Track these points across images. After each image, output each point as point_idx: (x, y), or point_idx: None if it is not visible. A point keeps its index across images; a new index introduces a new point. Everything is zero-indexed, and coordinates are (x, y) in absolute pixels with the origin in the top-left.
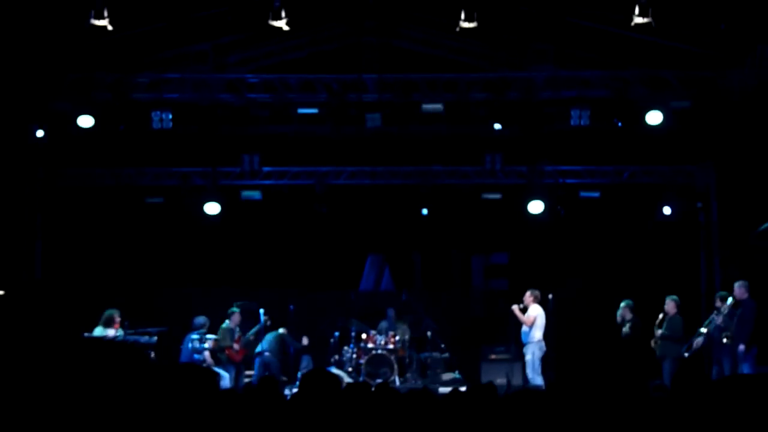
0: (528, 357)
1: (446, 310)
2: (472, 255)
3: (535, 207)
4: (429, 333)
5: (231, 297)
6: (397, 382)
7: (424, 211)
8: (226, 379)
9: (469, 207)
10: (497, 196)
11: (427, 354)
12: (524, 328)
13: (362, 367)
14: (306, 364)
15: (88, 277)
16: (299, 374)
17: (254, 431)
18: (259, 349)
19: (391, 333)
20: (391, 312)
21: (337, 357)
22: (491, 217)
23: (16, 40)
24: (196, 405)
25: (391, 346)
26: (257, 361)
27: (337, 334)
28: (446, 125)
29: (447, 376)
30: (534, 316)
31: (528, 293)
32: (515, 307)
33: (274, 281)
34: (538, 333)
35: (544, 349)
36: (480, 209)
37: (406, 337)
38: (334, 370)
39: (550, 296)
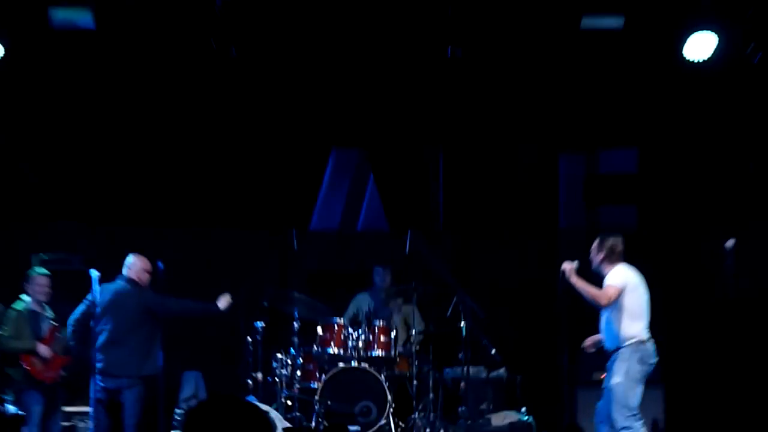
0: (615, 380)
1: (501, 275)
2: (560, 152)
3: (700, 45)
4: (465, 325)
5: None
6: None
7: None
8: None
9: (550, 47)
10: (612, 22)
11: (459, 372)
12: (605, 317)
13: (316, 399)
14: (190, 388)
15: None
16: (178, 411)
17: None
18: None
19: (378, 322)
20: (380, 276)
21: (259, 375)
22: (597, 71)
23: None
24: None
25: (379, 352)
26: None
27: (260, 324)
28: None
29: (504, 419)
30: (617, 286)
31: (598, 242)
32: (568, 267)
33: (129, 210)
34: (633, 326)
35: (651, 359)
36: (574, 53)
37: (414, 332)
38: (256, 404)
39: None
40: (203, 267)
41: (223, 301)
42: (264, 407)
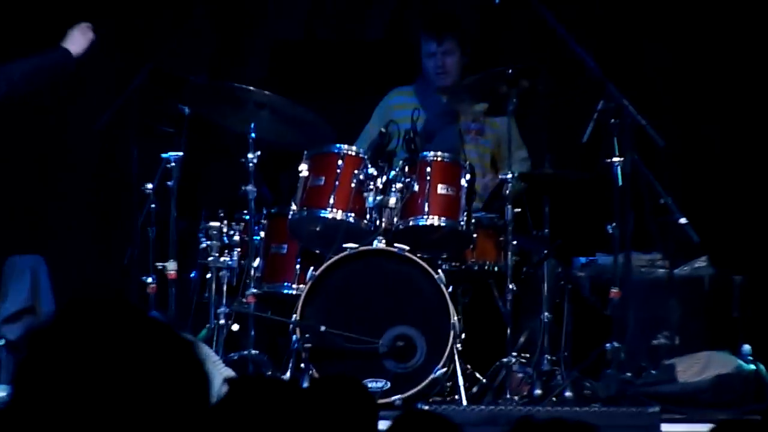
0: None
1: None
2: None
3: None
4: (619, 163)
5: None
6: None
7: None
8: None
9: None
10: None
11: (607, 263)
12: None
13: (294, 319)
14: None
15: None
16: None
17: None
18: None
19: (431, 154)
20: (435, 51)
21: (171, 265)
22: None
23: None
24: None
25: (434, 220)
26: None
27: (173, 156)
28: None
29: (704, 368)
30: None
31: None
32: None
33: None
34: None
35: None
36: None
37: (512, 175)
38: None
39: None
40: None
41: (76, 39)
42: (190, 337)
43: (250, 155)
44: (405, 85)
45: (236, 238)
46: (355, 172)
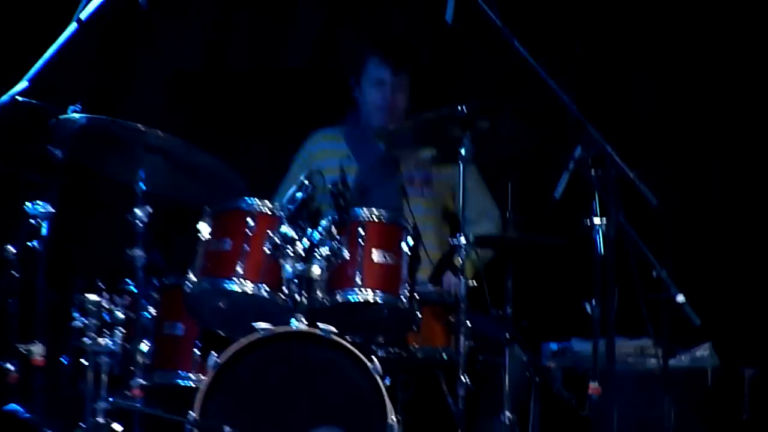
0: None
1: None
2: None
3: None
4: (601, 225)
5: None
6: None
7: None
8: None
9: None
10: None
11: (584, 350)
12: None
13: (191, 418)
14: None
15: None
16: None
17: None
18: None
19: (364, 212)
20: (376, 78)
21: (36, 349)
22: None
23: None
24: None
25: (368, 295)
26: None
27: (40, 210)
28: None
29: None
30: None
31: None
32: None
33: None
34: None
35: None
36: None
37: (463, 239)
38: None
39: None
40: None
41: None
42: None
43: (137, 211)
44: (330, 127)
45: (120, 315)
46: (269, 233)
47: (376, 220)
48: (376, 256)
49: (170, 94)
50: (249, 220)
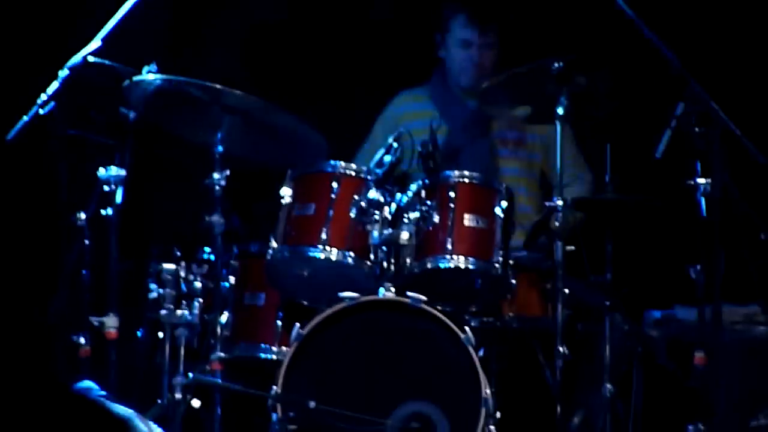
0: None
1: None
2: None
3: None
4: (706, 186)
5: None
6: None
7: None
8: None
9: None
10: None
11: (689, 317)
12: None
13: (274, 392)
14: None
15: None
16: None
17: None
18: None
19: (455, 174)
20: (462, 39)
21: (110, 320)
22: None
23: None
24: None
25: (459, 261)
26: None
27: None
28: None
29: None
30: None
31: None
32: None
33: None
34: None
35: None
36: None
37: (562, 201)
38: (103, 404)
39: None
40: None
41: None
42: (124, 414)
43: (215, 175)
44: (416, 87)
45: (198, 285)
46: (356, 197)
47: (468, 182)
48: (468, 220)
49: (248, 50)
50: (334, 183)
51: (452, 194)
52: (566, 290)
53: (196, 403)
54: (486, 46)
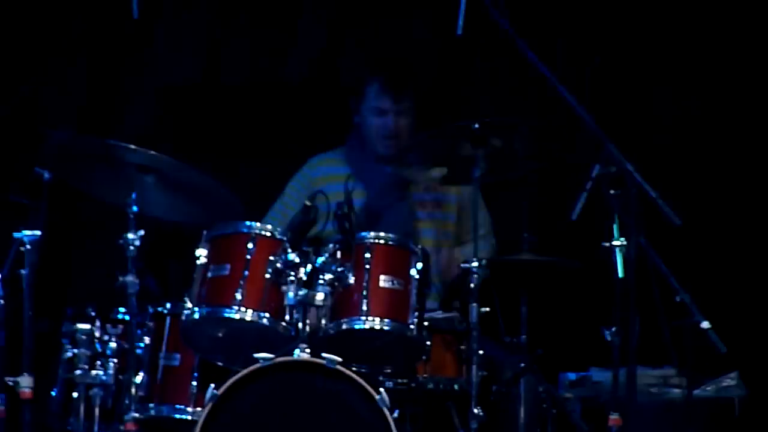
0: None
1: None
2: None
3: None
4: (621, 247)
5: None
6: None
7: None
8: None
9: None
10: None
11: (603, 379)
12: None
13: None
14: None
15: None
16: None
17: None
18: None
19: (370, 235)
20: (378, 101)
21: (24, 380)
22: None
23: None
24: None
25: (374, 323)
26: None
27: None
28: None
29: None
30: None
31: None
32: None
33: None
34: None
35: None
36: None
37: (476, 264)
38: None
39: None
40: None
41: None
42: None
43: (130, 235)
44: (329, 151)
45: (113, 345)
46: (271, 258)
47: (383, 243)
48: (384, 281)
49: (163, 111)
50: (250, 244)
51: (368, 255)
52: (481, 351)
53: None
54: (401, 113)
